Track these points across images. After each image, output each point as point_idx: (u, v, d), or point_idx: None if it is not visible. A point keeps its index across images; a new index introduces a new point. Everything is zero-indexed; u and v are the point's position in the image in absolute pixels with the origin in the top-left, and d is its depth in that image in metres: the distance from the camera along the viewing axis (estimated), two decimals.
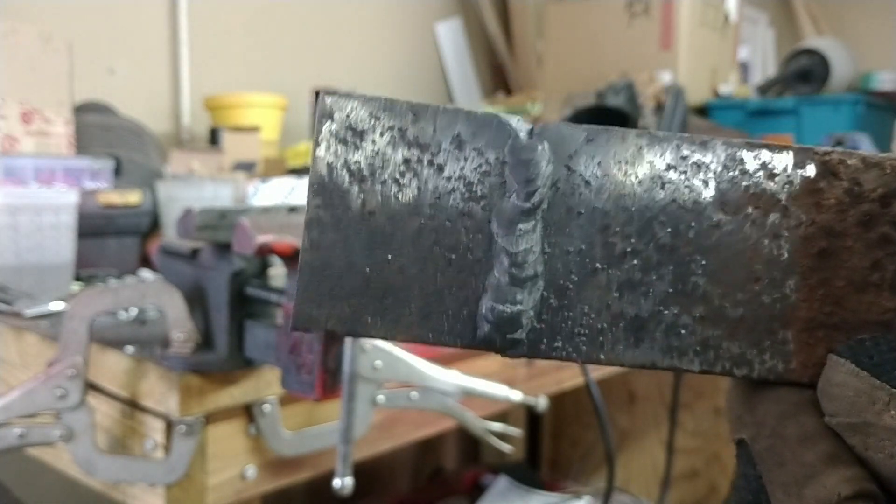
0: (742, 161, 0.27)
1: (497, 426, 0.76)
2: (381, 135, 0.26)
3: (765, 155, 0.27)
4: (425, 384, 0.68)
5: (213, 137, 1.61)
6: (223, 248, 0.64)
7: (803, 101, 2.16)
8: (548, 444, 2.12)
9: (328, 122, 0.26)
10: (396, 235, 0.26)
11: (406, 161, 0.26)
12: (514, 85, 2.75)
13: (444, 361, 0.71)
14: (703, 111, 2.25)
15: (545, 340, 0.27)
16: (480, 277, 0.27)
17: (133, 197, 1.08)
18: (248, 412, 0.67)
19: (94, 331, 0.63)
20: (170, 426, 0.64)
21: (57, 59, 1.16)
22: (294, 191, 1.21)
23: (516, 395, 0.74)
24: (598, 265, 0.27)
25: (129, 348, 0.67)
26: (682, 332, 0.27)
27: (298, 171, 1.45)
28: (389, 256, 0.26)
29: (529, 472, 1.84)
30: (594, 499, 1.54)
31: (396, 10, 2.55)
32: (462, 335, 0.27)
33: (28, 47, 1.14)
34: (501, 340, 0.27)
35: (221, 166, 1.38)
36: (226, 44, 2.02)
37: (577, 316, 0.27)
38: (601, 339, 0.27)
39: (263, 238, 0.58)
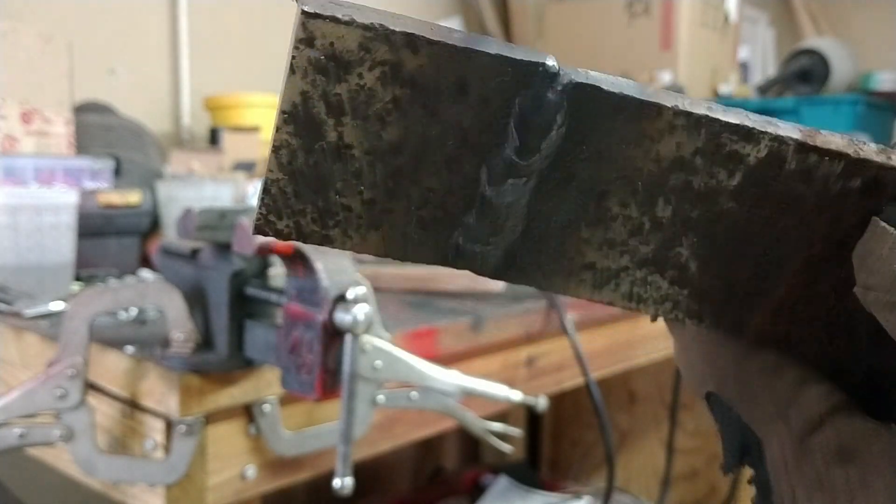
0: (784, 162, 0.23)
1: (497, 426, 0.76)
2: (371, 69, 0.22)
3: (812, 160, 0.23)
4: (425, 384, 0.68)
5: (213, 137, 1.61)
6: (223, 248, 0.64)
7: (803, 101, 2.16)
8: (548, 445, 2.12)
9: (307, 49, 0.22)
10: (373, 172, 0.23)
11: (395, 100, 0.22)
12: None
13: (444, 362, 0.71)
14: None
15: (511, 272, 0.25)
16: (458, 217, 0.24)
17: (133, 197, 1.08)
18: (248, 412, 0.67)
19: (94, 331, 0.63)
20: (170, 426, 0.64)
21: (57, 60, 1.16)
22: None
23: (516, 395, 0.73)
24: (583, 224, 0.24)
25: (129, 348, 0.67)
26: (649, 287, 0.25)
27: None
28: (362, 188, 0.23)
29: (529, 472, 1.84)
30: (594, 499, 1.54)
31: (396, 9, 2.54)
32: (428, 258, 0.25)
33: (28, 47, 1.14)
34: (469, 267, 0.25)
35: (221, 166, 1.38)
36: (226, 44, 2.02)
37: (548, 261, 0.25)
38: (569, 279, 0.25)
39: (263, 238, 0.58)
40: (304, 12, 0.22)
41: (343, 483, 0.58)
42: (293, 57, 0.22)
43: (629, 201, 0.24)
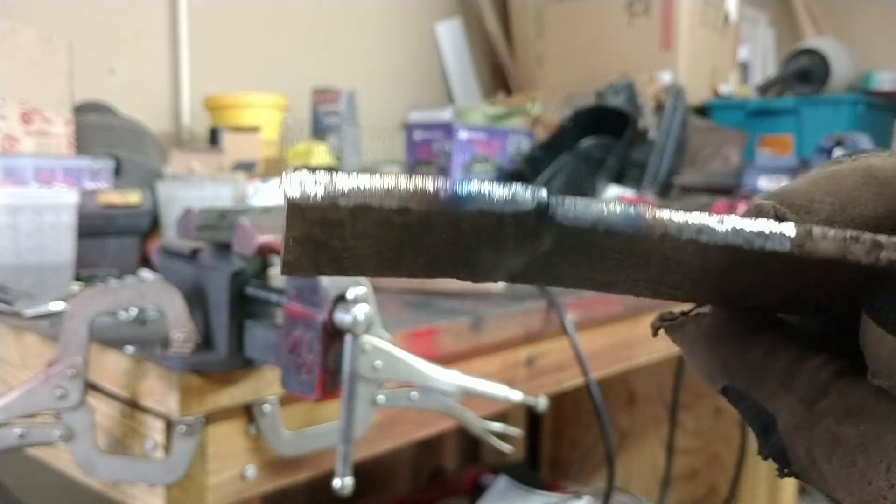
0: (775, 260, 0.23)
1: (497, 426, 0.76)
2: (362, 225, 0.22)
3: (802, 263, 0.23)
4: (425, 384, 0.68)
5: (213, 137, 1.61)
6: (223, 248, 0.64)
7: (803, 101, 2.16)
8: (548, 445, 2.12)
9: (298, 226, 0.22)
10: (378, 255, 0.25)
11: (391, 233, 0.23)
12: (515, 85, 2.75)
13: (444, 362, 0.72)
14: (703, 111, 2.25)
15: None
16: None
17: (133, 197, 1.08)
18: (248, 412, 0.67)
19: (94, 331, 0.63)
20: (170, 426, 0.64)
21: (57, 59, 1.16)
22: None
23: (516, 395, 0.73)
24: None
25: (129, 348, 0.67)
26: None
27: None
28: (371, 257, 0.25)
29: (529, 472, 1.85)
30: (594, 499, 1.54)
31: (397, 10, 2.55)
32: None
33: (28, 47, 1.14)
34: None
35: (221, 166, 1.38)
36: (226, 44, 2.02)
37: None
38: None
39: (263, 238, 0.58)
40: (289, 200, 0.21)
41: (343, 483, 0.59)
42: (285, 232, 0.22)
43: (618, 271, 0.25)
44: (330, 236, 0.23)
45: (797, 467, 0.26)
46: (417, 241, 0.24)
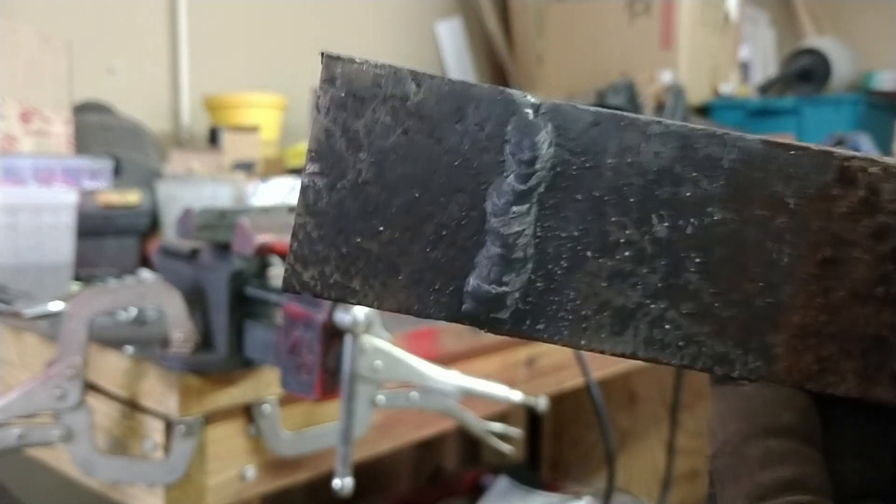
0: (758, 159, 0.25)
1: (497, 426, 0.76)
2: (383, 103, 0.26)
3: (780, 155, 0.25)
4: (425, 384, 0.68)
5: (213, 137, 1.61)
6: (223, 249, 0.64)
7: (804, 100, 2.16)
8: (548, 445, 2.12)
9: (330, 87, 0.26)
10: (390, 206, 0.26)
11: (405, 131, 0.26)
12: (515, 84, 2.75)
13: (444, 362, 0.71)
14: (703, 111, 2.25)
15: (528, 322, 0.26)
16: (470, 254, 0.26)
17: (132, 197, 1.08)
18: (248, 412, 0.67)
19: (94, 331, 0.63)
20: (169, 426, 0.64)
21: (56, 59, 1.16)
22: (294, 191, 1.21)
23: (516, 396, 0.74)
24: (589, 253, 0.26)
25: (129, 348, 0.67)
26: (668, 326, 0.26)
27: (298, 171, 1.45)
28: (381, 227, 0.26)
29: (530, 472, 1.85)
30: (595, 499, 1.54)
31: (397, 9, 2.55)
32: (448, 308, 0.26)
33: (27, 47, 1.14)
34: (485, 318, 0.26)
35: (221, 166, 1.38)
36: (225, 43, 2.02)
37: (563, 301, 0.26)
38: (584, 325, 0.26)
39: (263, 238, 0.58)
40: (326, 55, 0.26)
41: (343, 483, 0.58)
42: (318, 97, 0.26)
43: (626, 221, 0.26)
44: (349, 143, 0.26)
45: None
46: (428, 170, 0.26)
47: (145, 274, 0.97)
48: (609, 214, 0.26)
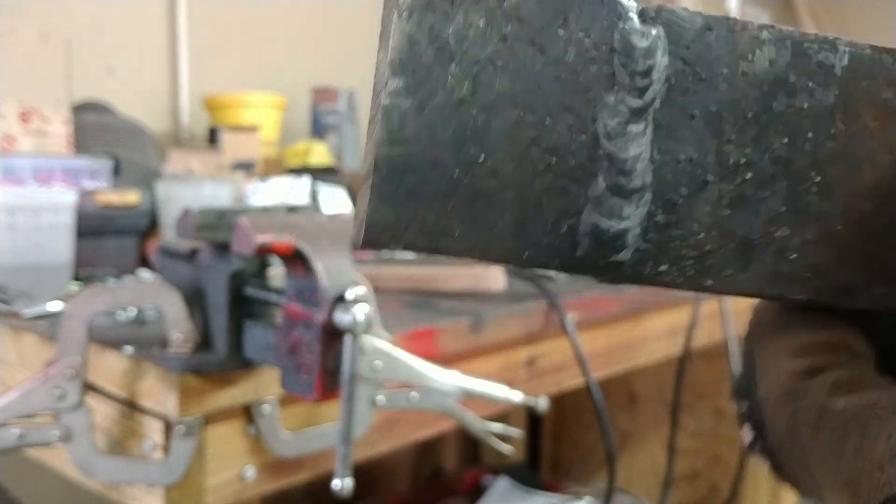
0: (867, 65, 0.23)
1: (497, 427, 0.76)
2: (476, 2, 0.21)
3: (888, 61, 0.23)
4: (425, 385, 0.68)
5: (212, 137, 1.61)
6: (222, 249, 0.64)
7: None
8: (548, 445, 2.12)
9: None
10: (490, 130, 0.22)
11: (503, 38, 0.22)
12: None
13: (444, 362, 0.72)
14: None
15: (650, 263, 0.24)
16: (583, 185, 0.23)
17: (132, 197, 1.08)
18: (248, 413, 0.67)
19: (93, 331, 0.63)
20: (169, 427, 0.64)
21: (55, 59, 1.16)
22: (293, 190, 1.21)
23: (517, 396, 0.74)
24: (709, 177, 0.23)
25: (128, 348, 0.67)
26: (793, 256, 0.24)
27: (298, 171, 1.45)
28: (482, 155, 0.22)
29: (530, 473, 1.85)
30: (595, 500, 1.54)
31: None
32: (560, 252, 0.23)
33: (26, 46, 1.14)
34: (603, 261, 0.23)
35: (220, 166, 1.38)
36: (225, 43, 2.02)
37: (686, 235, 0.23)
38: (709, 261, 0.24)
39: (262, 238, 0.58)
40: None
41: (343, 484, 0.58)
42: None
43: (744, 139, 0.23)
44: (439, 54, 0.21)
45: (774, 441, 0.24)
46: (531, 85, 0.22)
47: (145, 274, 0.97)
48: (726, 132, 0.23)
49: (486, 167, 0.22)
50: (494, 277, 0.95)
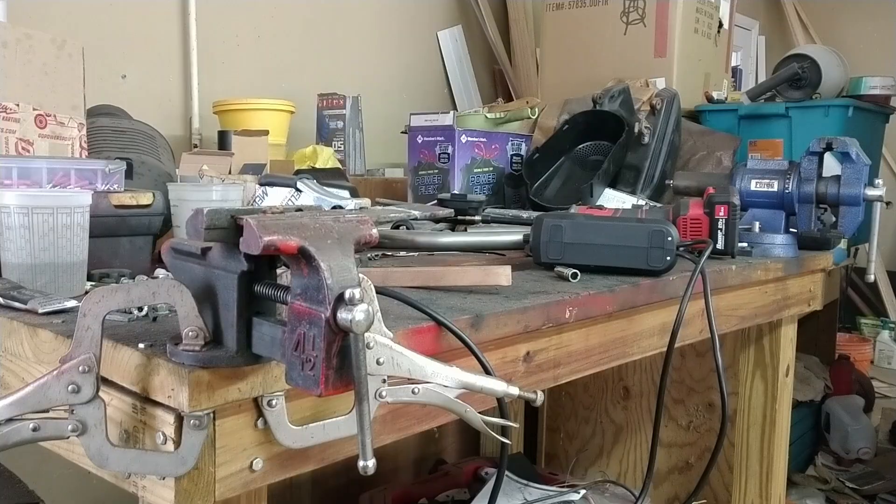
0: None
1: (496, 420, 0.77)
2: None
3: None
4: (426, 380, 0.69)
5: (222, 141, 1.62)
6: (231, 248, 0.64)
7: (794, 106, 2.17)
8: (545, 438, 2.13)
9: None
10: None
11: None
12: (514, 91, 2.77)
13: (445, 358, 0.73)
14: (696, 116, 2.27)
15: None
16: None
17: (145, 198, 1.08)
18: (257, 406, 0.68)
19: (107, 328, 0.64)
20: (180, 420, 0.64)
21: (70, 65, 1.17)
22: (301, 193, 1.22)
23: (514, 390, 0.74)
24: None
25: (141, 345, 0.68)
26: None
27: (305, 173, 1.47)
28: None
29: (527, 464, 1.86)
30: (590, 491, 1.55)
31: (400, 18, 2.57)
32: None
33: (42, 53, 1.15)
34: None
35: (230, 169, 1.40)
36: (235, 50, 2.04)
37: None
38: None
39: (269, 238, 0.58)
40: None
41: (368, 465, 0.59)
42: None
43: None
44: None
45: None
46: None
47: (161, 273, 0.97)
48: None
49: None
50: (503, 274, 0.95)
